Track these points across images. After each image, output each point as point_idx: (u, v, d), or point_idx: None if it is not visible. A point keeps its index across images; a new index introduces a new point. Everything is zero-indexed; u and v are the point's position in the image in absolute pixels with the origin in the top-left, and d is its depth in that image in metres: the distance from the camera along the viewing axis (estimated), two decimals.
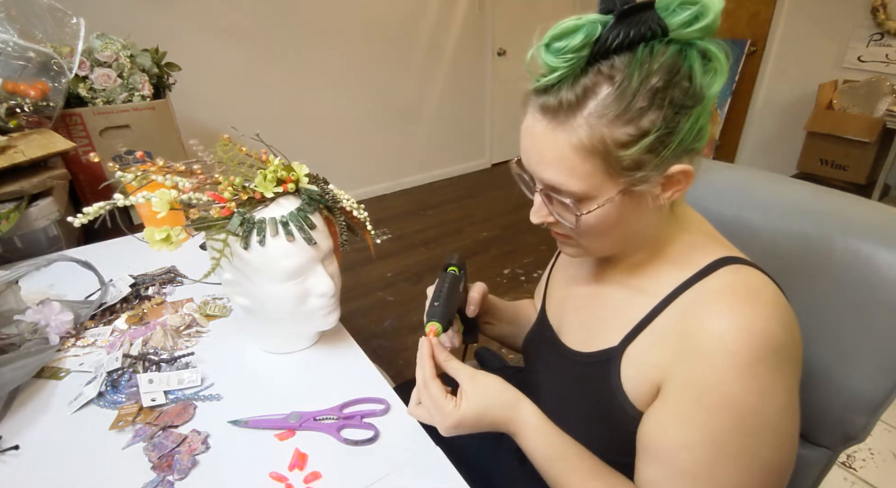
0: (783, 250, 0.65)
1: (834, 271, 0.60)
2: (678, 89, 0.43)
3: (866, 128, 2.59)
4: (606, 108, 0.44)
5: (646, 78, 0.43)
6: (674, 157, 0.46)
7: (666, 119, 0.44)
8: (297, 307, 0.68)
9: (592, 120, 0.44)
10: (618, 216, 0.49)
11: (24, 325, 0.76)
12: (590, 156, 0.45)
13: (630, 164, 0.45)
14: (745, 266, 0.51)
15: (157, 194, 0.59)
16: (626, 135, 0.44)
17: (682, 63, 0.44)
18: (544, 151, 0.48)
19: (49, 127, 1.19)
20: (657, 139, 0.44)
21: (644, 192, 0.48)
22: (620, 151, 0.45)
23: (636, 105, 0.43)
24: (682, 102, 0.44)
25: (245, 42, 2.61)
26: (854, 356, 0.59)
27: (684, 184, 0.48)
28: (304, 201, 0.67)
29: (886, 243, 0.57)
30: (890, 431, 1.52)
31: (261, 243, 0.63)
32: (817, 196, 0.66)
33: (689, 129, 0.45)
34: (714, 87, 0.44)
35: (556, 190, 0.49)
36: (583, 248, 0.56)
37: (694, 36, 0.43)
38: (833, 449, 0.63)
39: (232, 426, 0.64)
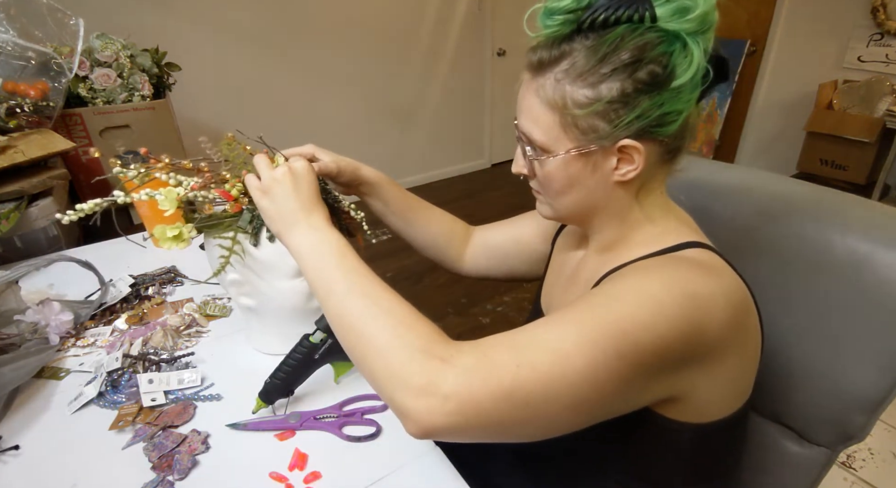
0: (783, 250, 0.65)
1: (833, 271, 0.60)
2: (645, 70, 0.46)
3: (866, 128, 2.59)
4: (573, 68, 0.48)
5: (615, 49, 0.46)
6: (627, 131, 0.48)
7: (624, 91, 0.47)
8: (305, 303, 0.69)
9: (559, 75, 0.49)
10: (571, 176, 0.53)
11: (24, 325, 0.76)
12: (550, 109, 0.50)
13: (583, 125, 0.49)
14: (706, 250, 0.53)
15: (163, 192, 0.59)
16: (583, 97, 0.48)
17: (657, 46, 0.46)
18: (522, 101, 0.53)
19: (49, 127, 1.19)
20: (610, 107, 0.47)
21: (597, 161, 0.51)
22: (576, 110, 0.48)
23: (600, 70, 0.47)
24: (644, 81, 0.46)
25: (245, 42, 2.61)
26: (853, 355, 0.59)
27: (638, 164, 0.50)
28: None
29: (886, 243, 0.57)
30: (890, 431, 1.52)
31: (270, 239, 0.63)
32: (817, 196, 0.66)
33: (647, 110, 0.47)
34: (679, 79, 0.46)
35: (527, 137, 0.53)
36: (550, 206, 0.58)
37: (685, 27, 0.45)
38: (832, 449, 0.63)
39: None
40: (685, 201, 0.60)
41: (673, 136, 0.51)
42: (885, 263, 0.56)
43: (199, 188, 0.62)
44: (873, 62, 2.72)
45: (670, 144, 0.52)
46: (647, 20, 0.46)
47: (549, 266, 0.75)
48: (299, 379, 0.64)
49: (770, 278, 0.65)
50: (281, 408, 0.66)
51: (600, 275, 0.56)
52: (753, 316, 0.52)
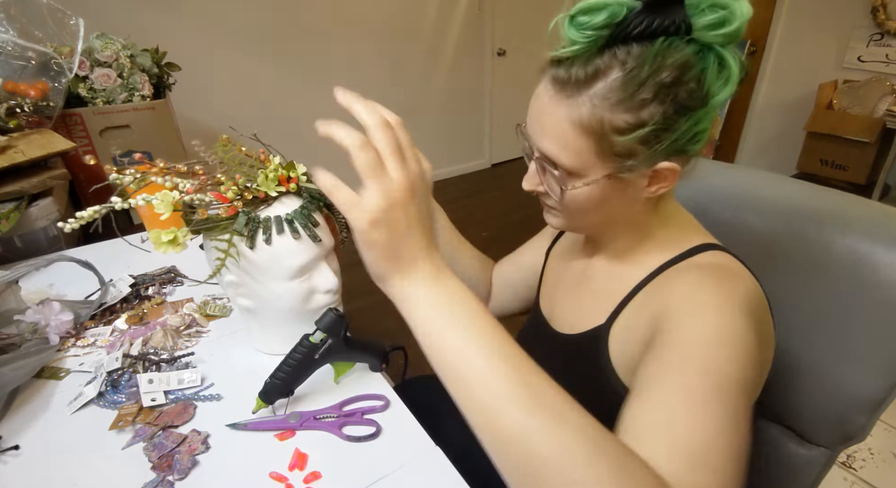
0: (783, 250, 0.65)
1: (834, 271, 0.60)
2: (685, 89, 0.44)
3: (866, 128, 2.59)
4: (611, 92, 0.44)
5: (656, 71, 0.43)
6: (665, 154, 0.47)
7: (665, 115, 0.44)
8: (303, 304, 0.68)
9: (596, 100, 0.45)
10: (601, 198, 0.51)
11: (24, 325, 0.76)
12: (585, 134, 0.46)
13: (621, 151, 0.46)
14: (720, 252, 0.54)
15: (159, 196, 0.59)
16: (623, 122, 0.45)
17: (697, 64, 0.44)
18: (546, 121, 0.49)
19: (49, 127, 1.19)
20: (652, 132, 0.45)
21: (629, 181, 0.49)
22: (615, 136, 0.46)
23: (640, 95, 0.44)
24: (685, 103, 0.44)
25: (245, 42, 2.61)
26: (853, 356, 0.59)
27: (670, 182, 0.49)
28: (305, 199, 0.67)
29: (886, 243, 0.57)
30: (890, 431, 1.52)
31: (267, 242, 0.63)
32: (817, 196, 0.66)
33: (687, 130, 0.46)
34: (721, 95, 0.45)
35: (550, 160, 0.50)
36: (564, 221, 0.57)
37: (716, 40, 0.43)
38: (832, 449, 0.63)
39: None
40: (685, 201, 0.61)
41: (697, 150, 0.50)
42: (885, 263, 0.56)
43: (195, 191, 0.62)
44: (873, 62, 2.72)
45: (693, 158, 0.51)
46: (683, 31, 0.43)
47: (545, 273, 0.75)
48: (299, 380, 0.64)
49: (770, 278, 0.65)
50: (281, 408, 0.66)
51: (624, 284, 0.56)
52: (769, 315, 0.52)
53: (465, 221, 3.04)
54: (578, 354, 0.60)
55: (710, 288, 0.48)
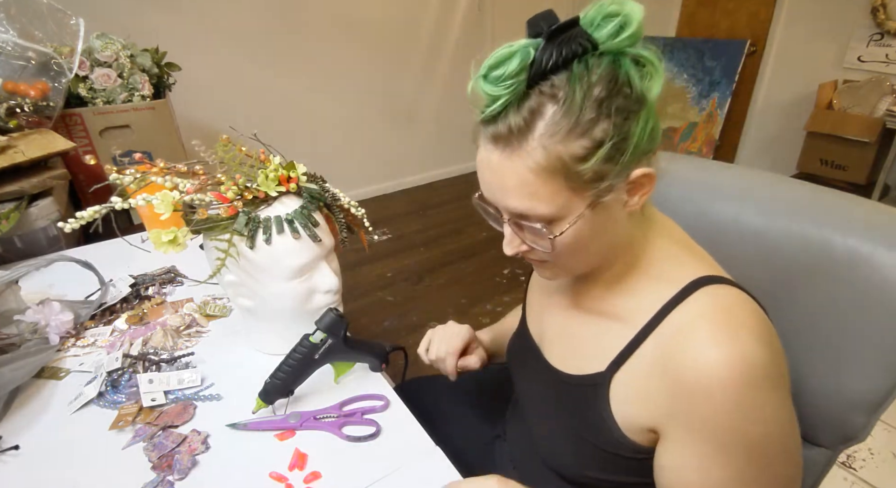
0: (783, 250, 0.65)
1: (834, 271, 0.60)
2: (621, 96, 0.44)
3: (866, 128, 2.59)
4: (557, 126, 0.44)
5: (587, 90, 0.43)
6: (633, 162, 0.46)
7: (617, 126, 0.44)
8: (303, 304, 0.68)
9: (545, 140, 0.44)
10: (591, 230, 0.49)
11: (24, 325, 0.76)
12: (551, 177, 0.45)
13: (592, 176, 0.45)
14: (720, 285, 0.51)
15: (159, 196, 0.59)
16: (581, 149, 0.44)
17: (619, 71, 0.44)
18: (505, 180, 0.47)
19: (49, 127, 1.19)
20: (613, 147, 0.45)
21: (612, 202, 0.48)
22: (580, 165, 0.45)
23: (585, 117, 0.44)
24: (627, 107, 0.44)
25: (245, 42, 2.61)
26: (854, 356, 0.59)
27: (649, 187, 0.49)
28: (305, 199, 0.67)
29: (886, 243, 0.57)
30: (890, 431, 1.52)
31: (267, 242, 0.63)
32: (817, 196, 0.66)
33: (641, 132, 0.46)
34: (654, 90, 0.45)
35: (525, 216, 0.48)
36: (560, 269, 0.55)
37: (623, 45, 0.44)
38: (833, 449, 0.63)
39: None
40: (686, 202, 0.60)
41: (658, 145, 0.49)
42: (885, 263, 0.56)
43: (195, 191, 0.62)
44: (873, 62, 2.72)
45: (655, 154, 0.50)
46: (590, 49, 0.44)
47: (530, 291, 0.73)
48: (299, 380, 0.64)
49: (770, 279, 0.65)
50: (281, 408, 0.66)
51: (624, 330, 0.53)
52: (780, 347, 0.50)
53: (465, 221, 3.04)
54: (575, 394, 0.58)
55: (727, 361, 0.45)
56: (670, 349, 0.49)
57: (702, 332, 0.47)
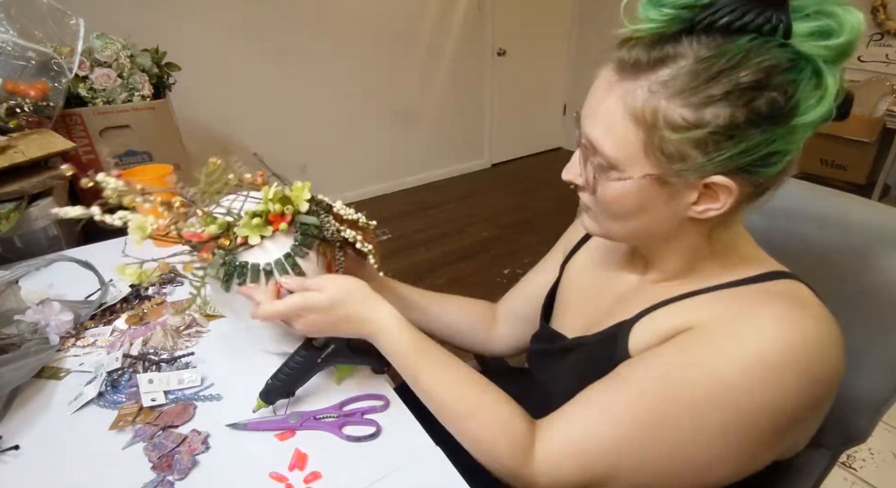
0: (783, 250, 0.64)
1: (834, 272, 0.60)
2: (765, 97, 0.38)
3: (866, 128, 2.59)
4: (676, 80, 0.39)
5: (734, 67, 0.37)
6: (722, 167, 0.41)
7: (733, 120, 0.38)
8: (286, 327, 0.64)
9: (655, 87, 0.40)
10: (637, 201, 0.45)
11: (24, 325, 0.76)
12: (634, 123, 0.41)
13: (671, 151, 0.41)
14: (804, 284, 0.47)
15: (132, 220, 0.56)
16: (680, 118, 0.39)
17: (787, 71, 0.38)
18: (597, 104, 0.44)
19: (49, 127, 1.19)
20: (711, 137, 0.39)
21: (673, 191, 0.43)
22: (667, 131, 0.40)
23: (708, 90, 0.38)
24: (761, 112, 0.38)
25: (245, 42, 2.61)
26: (855, 357, 0.58)
27: (722, 204, 0.43)
28: (297, 241, 0.60)
29: (886, 243, 0.57)
30: (890, 431, 1.52)
31: (241, 284, 0.59)
32: (817, 196, 0.66)
33: (756, 146, 0.39)
34: (810, 115, 0.38)
35: (593, 146, 0.45)
36: (599, 224, 0.51)
37: (818, 52, 0.37)
38: (834, 450, 0.63)
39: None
40: None
41: (772, 177, 0.43)
42: (885, 264, 0.56)
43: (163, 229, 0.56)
44: (873, 62, 2.72)
45: (763, 185, 0.44)
46: (779, 35, 0.37)
47: (562, 288, 0.69)
48: (301, 382, 0.64)
49: None
50: (281, 409, 0.66)
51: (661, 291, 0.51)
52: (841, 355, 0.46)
53: (465, 221, 3.04)
54: (592, 353, 0.55)
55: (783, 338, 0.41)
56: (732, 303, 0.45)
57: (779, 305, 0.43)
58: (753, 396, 0.41)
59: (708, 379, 0.42)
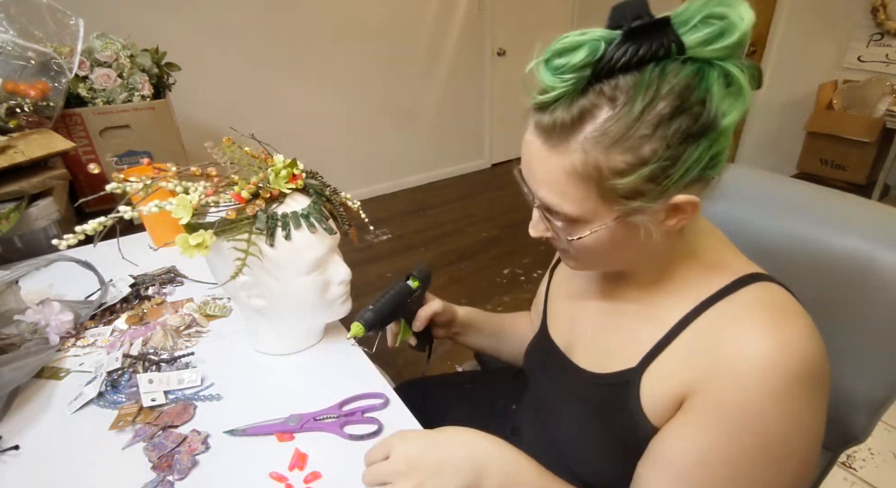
0: (783, 250, 0.65)
1: (834, 271, 0.60)
2: (688, 116, 0.39)
3: (866, 128, 2.60)
4: (604, 134, 0.40)
5: (651, 102, 0.39)
6: (678, 187, 0.42)
7: (670, 148, 0.40)
8: (320, 297, 0.69)
9: (588, 145, 0.41)
10: (612, 242, 0.47)
11: (24, 325, 0.76)
12: (583, 182, 0.42)
13: (627, 193, 0.42)
14: (773, 284, 0.48)
15: (176, 200, 0.59)
16: (623, 163, 0.40)
17: (698, 85, 0.39)
18: (538, 169, 0.45)
19: (49, 127, 1.19)
20: (658, 168, 0.40)
21: (644, 220, 0.45)
22: (616, 180, 0.41)
23: (637, 132, 0.39)
24: (690, 131, 0.39)
25: (245, 42, 2.61)
26: (854, 357, 0.59)
27: (690, 214, 0.45)
28: (313, 194, 0.69)
29: (886, 243, 0.57)
30: (890, 431, 1.52)
31: (287, 238, 0.64)
32: (817, 196, 0.66)
33: (698, 159, 0.41)
34: (733, 114, 0.40)
35: (552, 210, 0.46)
36: (582, 264, 0.53)
37: (716, 54, 0.39)
38: (834, 450, 0.63)
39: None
40: None
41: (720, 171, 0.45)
42: (885, 264, 0.56)
43: (212, 193, 0.62)
44: (873, 62, 2.72)
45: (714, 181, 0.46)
46: (674, 52, 0.38)
47: (550, 293, 0.71)
48: (392, 317, 0.69)
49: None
50: (285, 412, 0.66)
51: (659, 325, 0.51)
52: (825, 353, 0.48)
53: (465, 221, 3.04)
54: (606, 394, 0.56)
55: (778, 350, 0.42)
56: (714, 332, 0.46)
57: (753, 318, 0.44)
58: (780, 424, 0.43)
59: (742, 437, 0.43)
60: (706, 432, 0.45)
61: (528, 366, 0.74)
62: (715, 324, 0.47)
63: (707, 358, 0.46)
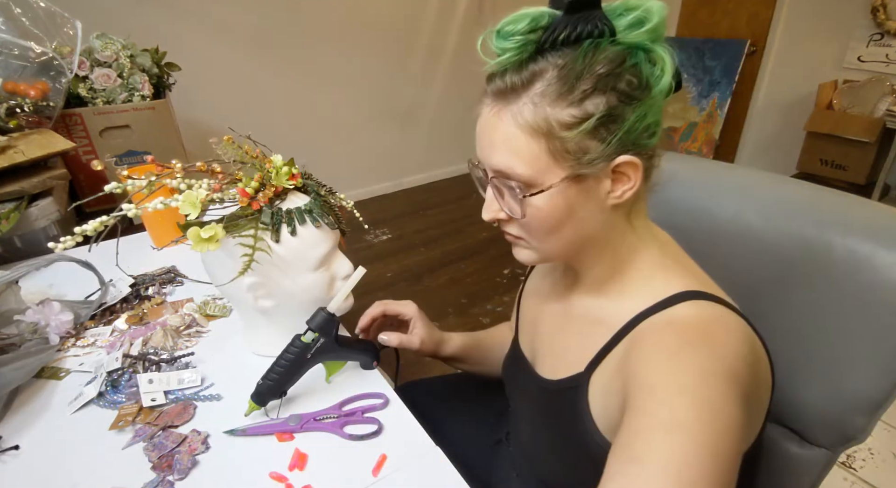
0: (783, 250, 0.65)
1: (834, 271, 0.60)
2: (624, 79, 0.45)
3: (866, 128, 2.60)
4: (550, 87, 0.45)
5: (590, 64, 0.45)
6: (620, 147, 0.46)
7: (610, 105, 0.45)
8: (326, 293, 0.70)
9: (536, 98, 0.45)
10: (565, 207, 0.48)
11: (24, 325, 0.76)
12: (534, 136, 0.46)
13: (574, 148, 0.46)
14: (706, 301, 0.49)
15: (183, 196, 0.59)
16: (569, 117, 0.45)
17: (629, 57, 0.45)
18: (493, 135, 0.48)
19: (49, 127, 1.19)
20: (600, 123, 0.45)
21: (591, 184, 0.48)
22: (563, 132, 0.45)
23: (580, 87, 0.45)
24: (627, 92, 0.45)
25: (245, 42, 2.61)
26: (854, 356, 0.59)
27: (634, 181, 0.48)
28: (312, 192, 0.69)
29: (886, 244, 0.57)
30: (890, 431, 1.52)
31: (292, 233, 0.64)
32: (817, 196, 0.66)
33: (637, 121, 0.46)
34: (660, 85, 0.46)
35: (505, 175, 0.49)
36: (535, 250, 0.54)
37: (640, 38, 0.45)
38: (833, 450, 0.63)
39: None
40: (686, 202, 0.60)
41: (654, 148, 0.50)
42: (885, 264, 0.56)
43: (218, 189, 0.62)
44: (873, 62, 2.73)
45: (653, 157, 0.50)
46: (607, 34, 0.45)
47: (521, 311, 0.72)
48: (292, 380, 0.64)
49: (770, 279, 0.65)
50: (273, 411, 0.66)
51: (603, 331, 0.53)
52: (760, 350, 0.50)
53: (465, 221, 3.04)
54: (558, 400, 0.58)
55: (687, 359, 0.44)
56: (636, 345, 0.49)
57: (668, 336, 0.47)
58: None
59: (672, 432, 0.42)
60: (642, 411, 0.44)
61: (504, 376, 0.74)
62: (641, 336, 0.49)
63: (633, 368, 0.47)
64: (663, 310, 0.50)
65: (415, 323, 0.77)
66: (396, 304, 0.78)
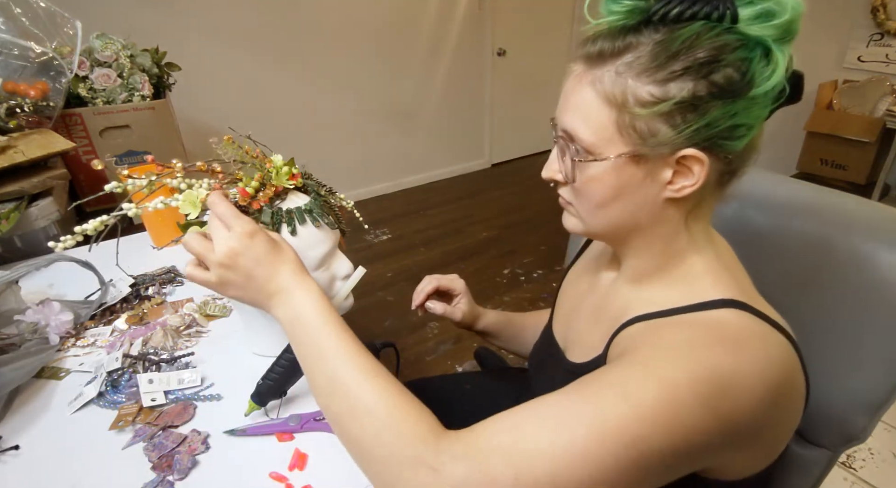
0: (783, 251, 0.65)
1: (834, 271, 0.60)
2: (722, 71, 0.41)
3: (866, 128, 2.59)
4: (639, 61, 0.43)
5: (691, 46, 0.41)
6: (691, 139, 0.43)
7: (696, 93, 0.42)
8: (328, 291, 0.70)
9: (622, 67, 0.43)
10: (617, 182, 0.47)
11: (24, 325, 0.76)
12: (607, 105, 0.44)
13: (642, 128, 0.44)
14: (746, 313, 0.46)
15: (183, 196, 0.59)
16: (648, 94, 0.43)
17: (739, 51, 0.41)
18: (571, 95, 0.47)
19: (49, 127, 1.19)
20: (678, 109, 0.42)
21: (649, 169, 0.46)
22: (637, 108, 0.43)
23: (671, 67, 0.42)
24: (721, 84, 0.42)
25: (245, 42, 2.61)
26: (855, 356, 0.59)
27: (697, 178, 0.45)
28: (312, 192, 0.69)
29: (886, 243, 0.57)
30: (890, 431, 1.52)
31: (292, 233, 0.64)
32: (817, 196, 0.66)
33: (720, 118, 0.43)
34: (763, 86, 0.42)
35: (570, 136, 0.48)
36: (581, 220, 0.53)
37: (764, 33, 0.41)
38: (833, 450, 0.63)
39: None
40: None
41: (737, 154, 0.46)
42: (886, 264, 0.56)
43: (219, 189, 0.62)
44: (873, 62, 2.72)
45: (733, 163, 0.47)
46: (728, 20, 0.41)
47: (561, 294, 0.72)
48: (291, 380, 0.64)
49: (771, 279, 0.65)
50: (273, 411, 0.66)
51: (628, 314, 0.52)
52: (798, 380, 0.46)
53: (465, 221, 3.04)
54: None
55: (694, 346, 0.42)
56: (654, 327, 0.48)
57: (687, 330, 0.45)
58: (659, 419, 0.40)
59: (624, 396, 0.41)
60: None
61: (530, 364, 0.74)
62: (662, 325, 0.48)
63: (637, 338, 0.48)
64: (699, 311, 0.47)
65: (461, 298, 0.81)
66: (447, 279, 0.81)
